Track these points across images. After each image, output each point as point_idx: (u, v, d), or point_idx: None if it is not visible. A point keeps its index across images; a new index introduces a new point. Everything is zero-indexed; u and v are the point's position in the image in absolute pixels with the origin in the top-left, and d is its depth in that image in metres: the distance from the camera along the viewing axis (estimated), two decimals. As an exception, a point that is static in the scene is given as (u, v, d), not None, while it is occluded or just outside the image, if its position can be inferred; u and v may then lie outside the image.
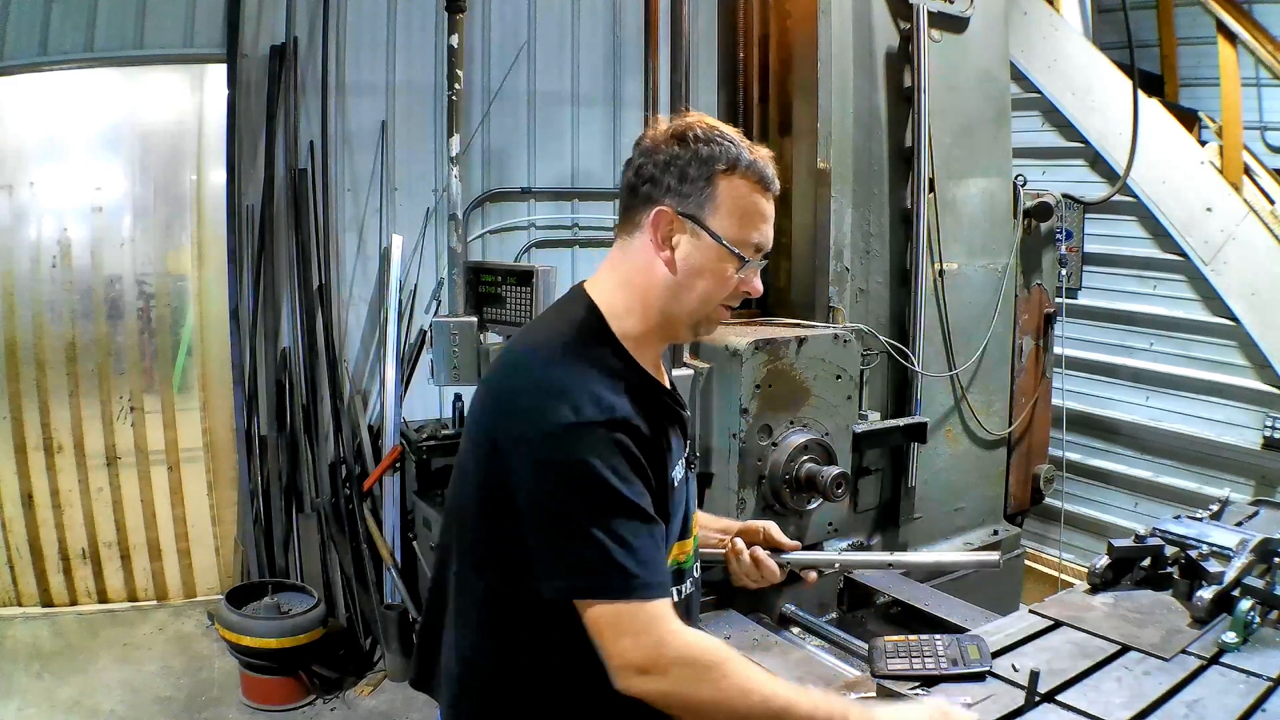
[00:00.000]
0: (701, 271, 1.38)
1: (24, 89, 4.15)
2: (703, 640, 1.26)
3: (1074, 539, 4.43)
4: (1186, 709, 1.53)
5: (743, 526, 1.76)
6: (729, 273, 1.38)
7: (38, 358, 4.31)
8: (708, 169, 1.36)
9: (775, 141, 2.99)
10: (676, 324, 1.43)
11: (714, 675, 1.22)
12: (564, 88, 5.15)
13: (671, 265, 1.38)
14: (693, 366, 2.43)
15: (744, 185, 1.37)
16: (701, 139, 1.37)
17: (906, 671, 1.66)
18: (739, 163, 1.37)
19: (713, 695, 1.21)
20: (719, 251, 1.37)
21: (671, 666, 1.21)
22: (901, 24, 2.92)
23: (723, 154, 1.36)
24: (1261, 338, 3.99)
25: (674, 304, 1.40)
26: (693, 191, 1.36)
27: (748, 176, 1.38)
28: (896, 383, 3.00)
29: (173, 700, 3.71)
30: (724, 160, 1.36)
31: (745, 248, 1.38)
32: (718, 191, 1.36)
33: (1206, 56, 4.70)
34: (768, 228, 1.42)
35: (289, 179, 4.41)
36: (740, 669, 1.24)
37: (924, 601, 2.52)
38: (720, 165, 1.36)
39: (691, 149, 1.37)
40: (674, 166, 1.37)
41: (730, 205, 1.37)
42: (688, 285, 1.39)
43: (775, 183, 1.42)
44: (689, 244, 1.37)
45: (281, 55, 4.38)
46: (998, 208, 3.19)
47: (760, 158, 1.40)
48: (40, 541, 4.35)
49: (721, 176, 1.36)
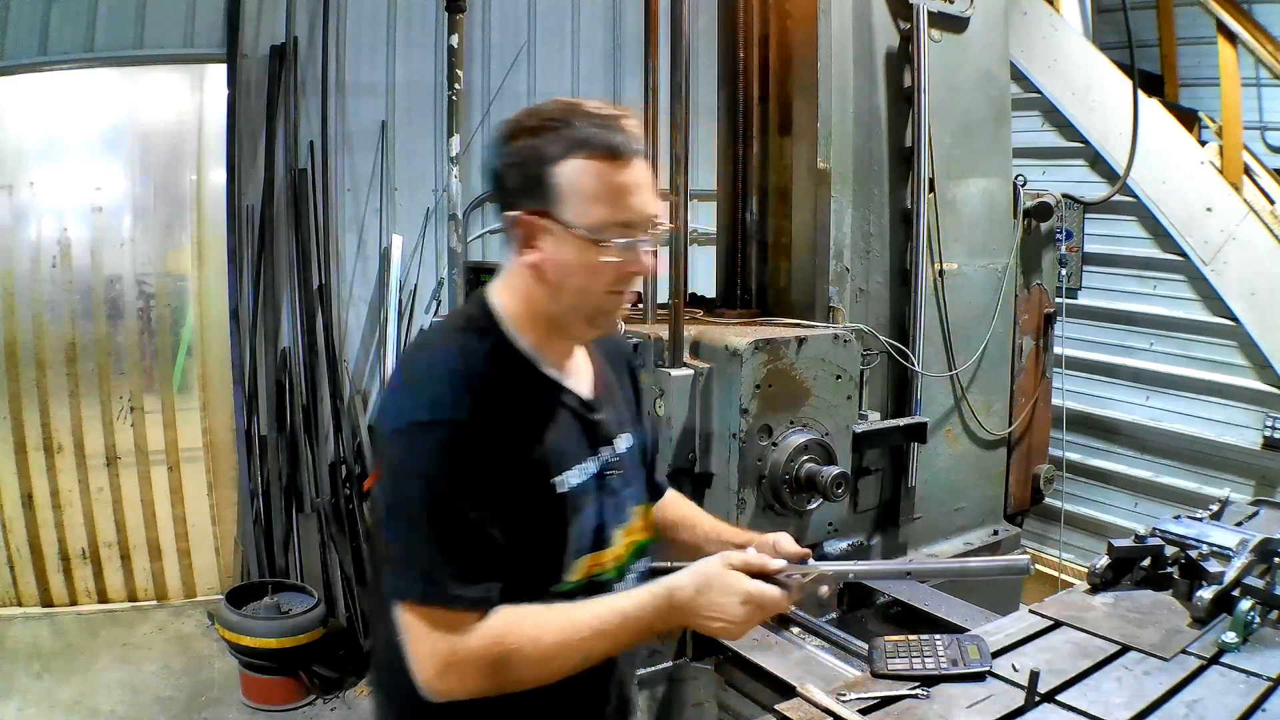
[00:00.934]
0: (571, 268, 1.30)
1: (24, 89, 4.16)
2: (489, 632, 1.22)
3: (1074, 539, 4.43)
4: (1186, 709, 1.53)
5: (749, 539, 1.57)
6: (600, 260, 1.29)
7: (38, 358, 4.31)
8: (543, 161, 1.27)
9: (775, 141, 2.99)
10: (567, 324, 1.37)
11: (510, 662, 1.22)
12: (564, 88, 5.15)
13: (541, 268, 1.31)
14: (693, 366, 2.43)
15: (586, 165, 1.27)
16: (531, 129, 1.29)
17: (906, 671, 1.66)
18: (573, 143, 1.26)
19: (518, 677, 1.23)
20: (581, 242, 1.28)
21: (464, 672, 1.22)
22: (901, 24, 2.92)
23: (554, 140, 1.27)
24: (1261, 338, 3.99)
25: (555, 305, 1.34)
26: (536, 188, 1.28)
27: (589, 153, 1.26)
28: (896, 383, 3.00)
29: (173, 700, 3.71)
30: (556, 146, 1.27)
31: (609, 229, 1.28)
32: (558, 180, 1.27)
33: (1206, 56, 4.70)
34: (636, 198, 1.30)
35: (289, 179, 4.42)
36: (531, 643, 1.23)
37: (924, 601, 2.52)
38: (553, 151, 1.27)
39: (525, 144, 1.29)
40: (514, 167, 1.30)
41: (576, 190, 1.27)
42: (561, 284, 1.32)
43: (630, 145, 1.29)
44: (551, 242, 1.30)
45: (281, 55, 4.38)
46: (998, 208, 3.19)
47: (603, 125, 1.28)
48: (40, 541, 4.36)
49: (558, 164, 1.27)
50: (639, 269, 1.34)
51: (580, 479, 1.37)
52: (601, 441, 1.45)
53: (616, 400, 1.54)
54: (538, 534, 1.32)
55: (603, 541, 1.42)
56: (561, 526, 1.34)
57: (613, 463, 1.46)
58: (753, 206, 3.04)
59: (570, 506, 1.35)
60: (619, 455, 1.48)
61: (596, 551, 1.41)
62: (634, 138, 1.30)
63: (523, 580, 1.28)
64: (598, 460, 1.42)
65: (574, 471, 1.36)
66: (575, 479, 1.36)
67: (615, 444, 1.48)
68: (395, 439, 1.25)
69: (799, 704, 1.62)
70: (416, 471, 1.23)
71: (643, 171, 1.31)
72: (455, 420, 1.22)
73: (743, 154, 3.06)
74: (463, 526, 1.22)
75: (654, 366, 2.46)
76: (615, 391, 1.55)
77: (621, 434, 1.51)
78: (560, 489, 1.34)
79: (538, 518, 1.31)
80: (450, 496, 1.22)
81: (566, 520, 1.35)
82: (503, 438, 1.26)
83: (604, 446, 1.45)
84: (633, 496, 1.51)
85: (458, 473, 1.22)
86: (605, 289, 1.32)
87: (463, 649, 1.21)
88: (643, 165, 1.31)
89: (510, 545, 1.26)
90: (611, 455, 1.46)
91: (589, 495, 1.39)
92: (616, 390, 1.56)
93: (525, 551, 1.30)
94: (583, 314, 1.35)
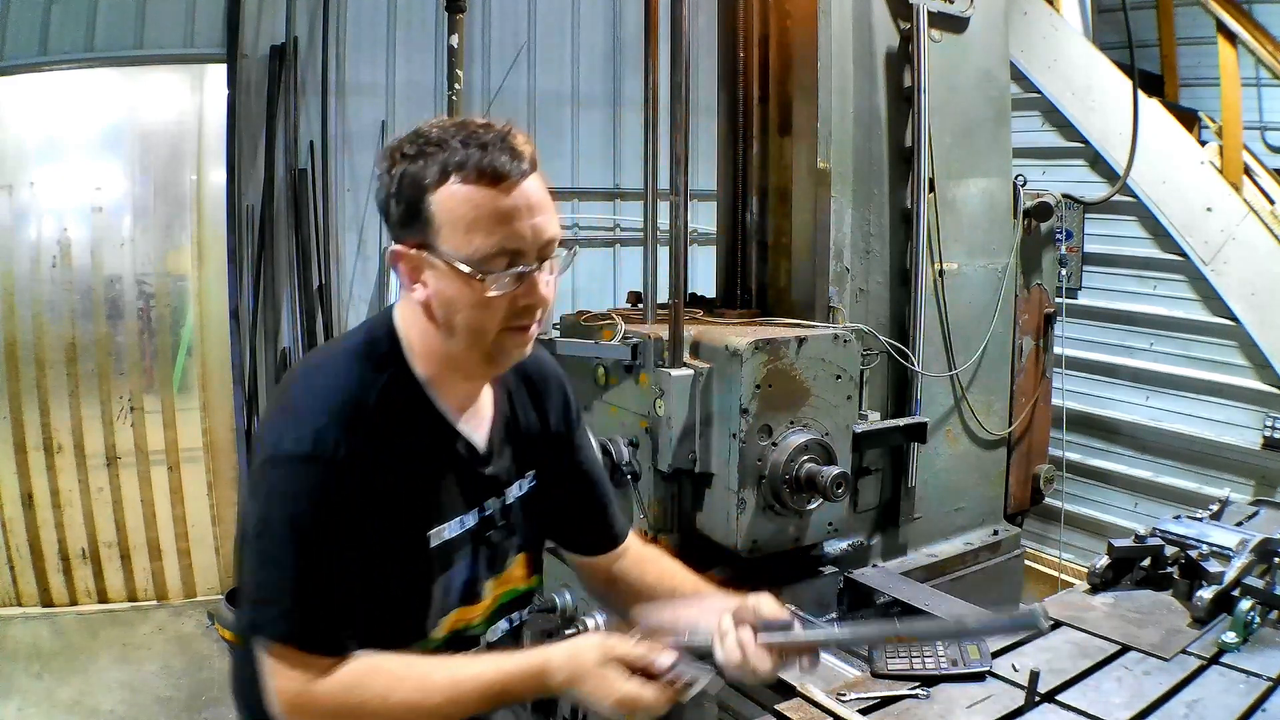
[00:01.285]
0: (457, 304, 1.18)
1: (24, 89, 4.16)
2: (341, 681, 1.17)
3: (1074, 539, 4.42)
4: (1186, 709, 1.54)
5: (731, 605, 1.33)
6: (487, 293, 1.17)
7: (38, 358, 4.31)
8: (419, 188, 1.16)
9: (775, 141, 2.99)
10: (464, 362, 1.26)
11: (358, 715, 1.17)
12: (564, 88, 5.15)
13: (428, 305, 1.21)
14: (693, 366, 2.43)
15: (464, 190, 1.15)
16: (409, 155, 1.18)
17: (906, 671, 1.66)
18: (449, 167, 1.15)
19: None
20: (463, 276, 1.16)
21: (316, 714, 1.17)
22: (901, 24, 2.92)
23: (430, 165, 1.16)
24: (1261, 338, 3.99)
25: (449, 343, 1.23)
26: (414, 219, 1.17)
27: (465, 177, 1.15)
28: (896, 383, 2.99)
29: (173, 700, 3.71)
30: (432, 172, 1.16)
31: (493, 260, 1.16)
32: (435, 209, 1.16)
33: (1206, 56, 4.70)
34: (522, 223, 1.17)
35: (289, 179, 4.42)
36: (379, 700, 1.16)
37: (924, 601, 2.53)
38: (429, 179, 1.16)
39: (402, 170, 1.18)
40: (393, 197, 1.19)
41: (453, 218, 1.16)
42: (450, 323, 1.20)
43: (515, 166, 1.16)
44: (434, 277, 1.19)
45: (281, 55, 4.38)
46: (998, 208, 3.19)
47: (484, 146, 1.16)
48: (40, 541, 4.36)
49: (434, 190, 1.16)
50: (532, 301, 1.21)
51: (456, 532, 1.30)
52: (487, 494, 1.36)
53: (521, 442, 1.43)
54: (404, 586, 1.25)
55: (473, 596, 1.35)
56: (428, 580, 1.27)
57: (495, 515, 1.37)
58: (753, 206, 3.04)
59: (440, 561, 1.28)
60: (507, 505, 1.40)
61: (465, 606, 1.34)
62: (522, 157, 1.18)
63: (386, 630, 1.23)
64: (479, 513, 1.35)
65: (451, 524, 1.29)
66: (450, 532, 1.29)
67: (507, 493, 1.40)
68: (268, 468, 1.18)
69: (799, 704, 1.62)
70: (285, 507, 1.17)
71: (533, 193, 1.19)
72: (331, 460, 1.15)
73: (743, 154, 3.05)
74: (324, 570, 1.17)
75: (654, 366, 2.46)
76: (522, 431, 1.44)
77: (516, 480, 1.42)
78: (433, 542, 1.27)
79: (406, 569, 1.25)
80: (315, 539, 1.16)
81: (434, 574, 1.28)
82: (380, 484, 1.19)
83: (491, 499, 1.37)
84: (514, 546, 1.43)
85: (326, 515, 1.16)
86: (499, 325, 1.20)
87: (315, 691, 1.16)
88: (534, 187, 1.19)
89: (375, 594, 1.21)
90: (497, 507, 1.38)
91: (463, 549, 1.32)
92: (525, 429, 1.45)
93: (390, 602, 1.24)
94: (479, 352, 1.24)
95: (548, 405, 1.50)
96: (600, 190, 5.28)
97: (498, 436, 1.39)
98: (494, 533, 1.37)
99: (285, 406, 1.25)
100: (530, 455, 1.45)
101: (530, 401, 1.47)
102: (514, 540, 1.42)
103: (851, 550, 2.81)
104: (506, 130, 1.20)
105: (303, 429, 1.18)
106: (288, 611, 1.17)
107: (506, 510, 1.40)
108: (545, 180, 1.23)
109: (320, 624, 1.17)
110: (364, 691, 1.16)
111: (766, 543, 2.40)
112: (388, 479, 1.20)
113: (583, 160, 5.24)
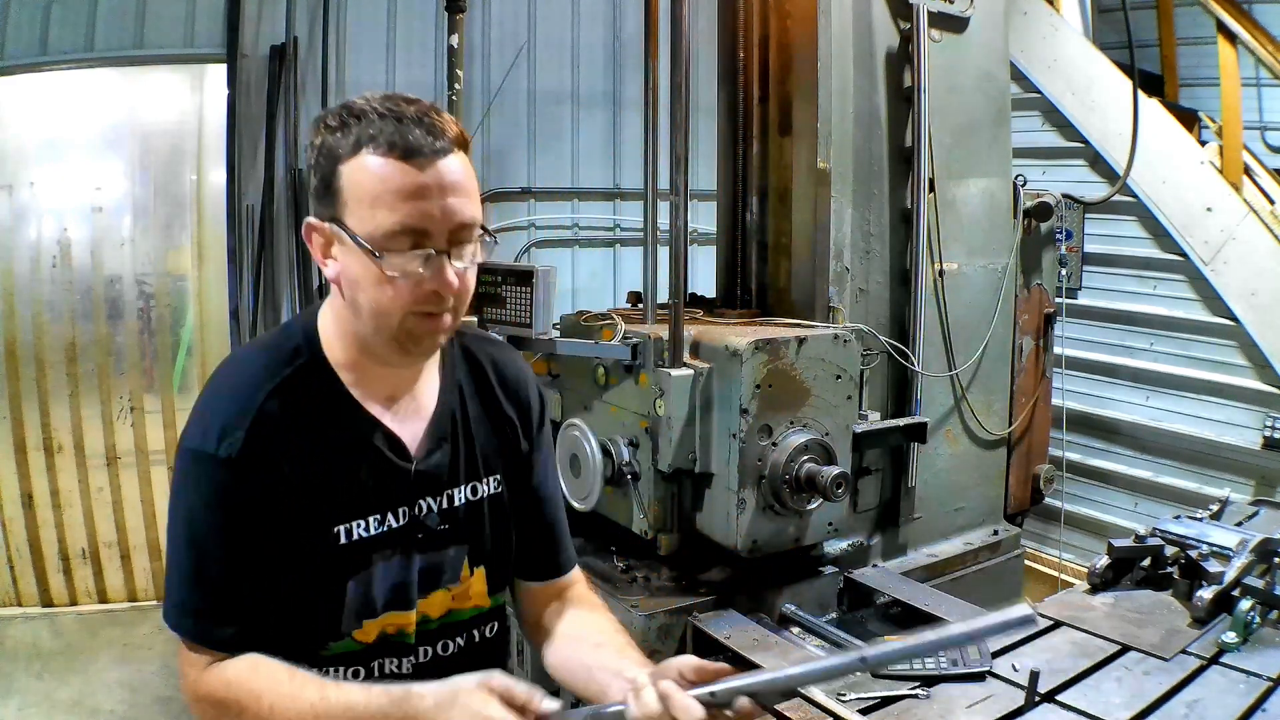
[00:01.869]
0: (360, 282, 1.13)
1: (24, 89, 4.16)
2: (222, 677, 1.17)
3: (1074, 539, 4.42)
4: (1186, 709, 1.54)
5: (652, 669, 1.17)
6: (387, 274, 1.11)
7: (38, 358, 4.31)
8: (334, 159, 1.12)
9: (775, 141, 2.99)
10: (376, 346, 1.20)
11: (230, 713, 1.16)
12: (564, 88, 5.15)
13: (338, 283, 1.17)
14: (693, 366, 2.43)
15: (373, 162, 1.09)
16: (330, 127, 1.13)
17: (906, 671, 1.66)
18: (362, 139, 1.10)
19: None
20: (366, 252, 1.10)
21: (200, 706, 1.19)
22: (901, 24, 2.92)
23: (347, 136, 1.11)
24: (1261, 338, 3.99)
25: (357, 325, 1.18)
26: (325, 190, 1.13)
27: (376, 149, 1.09)
28: (896, 383, 2.99)
29: (173, 700, 3.71)
30: (347, 144, 1.11)
31: (395, 238, 1.10)
32: (343, 182, 1.11)
33: (1206, 56, 4.70)
34: (430, 202, 1.10)
35: (289, 179, 4.42)
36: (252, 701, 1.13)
37: (924, 601, 2.53)
38: (343, 150, 1.11)
39: (322, 140, 1.14)
40: (312, 168, 1.15)
41: (359, 193, 1.10)
42: (356, 302, 1.15)
43: (425, 143, 1.10)
44: (341, 253, 1.15)
45: (281, 55, 4.38)
46: (998, 208, 3.19)
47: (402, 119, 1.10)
48: (40, 541, 4.36)
49: (345, 162, 1.11)
50: (440, 286, 1.12)
51: (374, 531, 1.23)
52: (418, 493, 1.28)
53: (473, 442, 1.34)
54: (311, 582, 1.20)
55: (404, 602, 1.27)
56: (339, 578, 1.21)
57: (430, 518, 1.29)
58: (753, 206, 3.04)
59: (353, 559, 1.22)
60: (450, 509, 1.31)
61: (396, 612, 1.26)
62: (440, 135, 1.12)
63: (297, 626, 1.20)
64: (408, 512, 1.27)
65: (366, 522, 1.23)
66: (365, 530, 1.23)
67: (449, 495, 1.31)
68: (177, 461, 1.20)
69: (799, 704, 1.62)
70: (183, 501, 1.19)
71: (449, 173, 1.12)
72: (226, 458, 1.14)
73: (743, 154, 3.06)
74: (217, 565, 1.16)
75: (654, 366, 2.46)
76: (474, 431, 1.35)
77: (466, 484, 1.33)
78: (341, 539, 1.21)
79: (312, 566, 1.20)
80: (207, 534, 1.16)
81: (346, 573, 1.22)
82: (282, 478, 1.16)
83: (425, 497, 1.28)
84: (463, 556, 1.33)
85: (219, 512, 1.16)
86: (404, 309, 1.13)
87: (200, 684, 1.18)
88: (451, 166, 1.12)
89: (279, 592, 1.18)
90: (433, 508, 1.29)
91: (385, 550, 1.25)
92: (481, 429, 1.36)
93: (298, 598, 1.20)
94: (386, 336, 1.17)
95: (509, 409, 1.41)
96: (600, 190, 5.27)
97: (437, 433, 1.30)
98: (429, 536, 1.29)
99: (197, 404, 1.23)
100: (489, 459, 1.37)
101: (491, 402, 1.39)
102: (460, 550, 1.33)
103: (851, 550, 2.81)
104: (429, 108, 1.15)
105: (204, 424, 1.18)
106: (180, 604, 1.20)
107: (448, 514, 1.31)
108: (470, 164, 1.17)
109: (207, 620, 1.18)
110: (239, 689, 1.16)
111: (766, 543, 2.40)
112: (292, 472, 1.17)
113: (583, 160, 5.24)
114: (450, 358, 1.36)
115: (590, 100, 5.23)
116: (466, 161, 1.16)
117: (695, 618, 2.37)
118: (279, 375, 1.20)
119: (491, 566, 1.38)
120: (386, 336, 1.17)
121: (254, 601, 1.18)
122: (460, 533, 1.32)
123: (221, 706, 1.17)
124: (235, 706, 1.15)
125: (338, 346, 1.23)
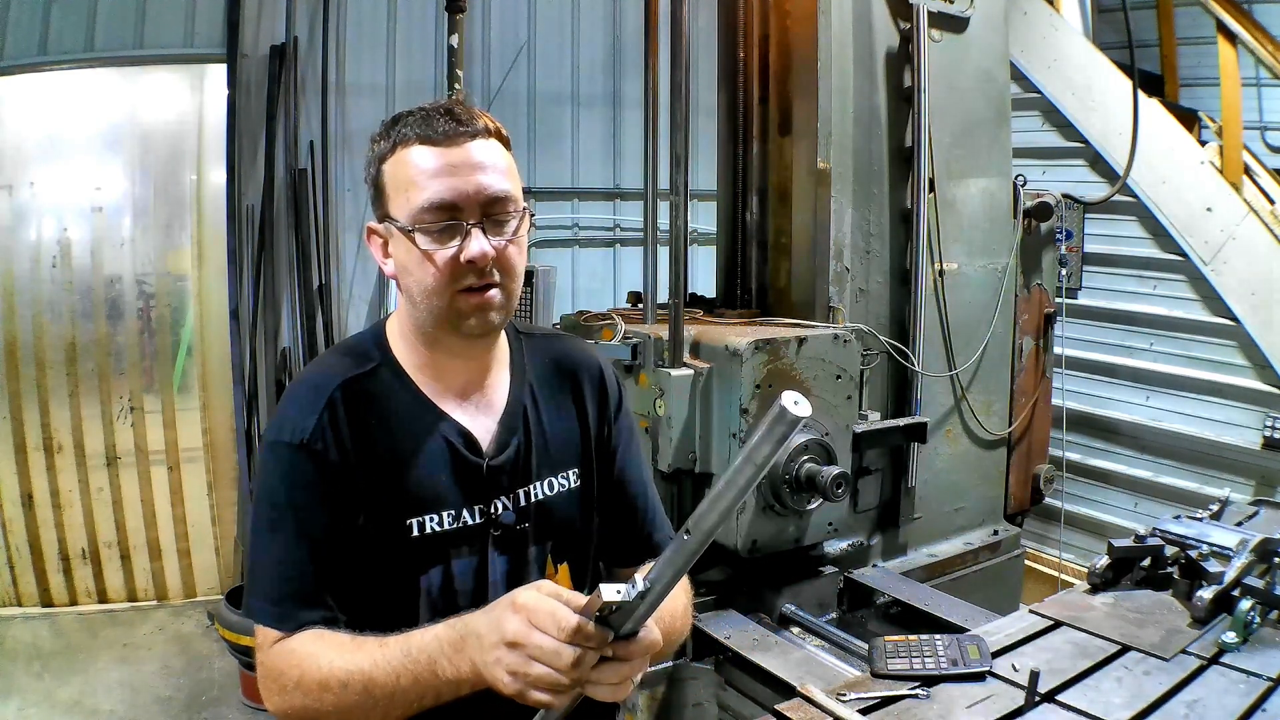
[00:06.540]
0: (407, 266, 1.21)
1: (24, 89, 4.16)
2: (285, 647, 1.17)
3: (1074, 539, 4.43)
4: (1186, 709, 1.53)
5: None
6: (421, 248, 1.18)
7: (38, 358, 4.31)
8: (379, 163, 1.23)
9: (775, 141, 2.99)
10: (434, 335, 1.25)
11: (293, 680, 1.15)
12: (564, 88, 5.15)
13: (396, 278, 1.26)
14: (693, 366, 2.43)
15: (405, 153, 1.19)
16: (375, 139, 1.24)
17: (906, 671, 1.66)
18: (397, 139, 1.20)
19: (303, 702, 1.14)
20: (406, 237, 1.19)
21: (264, 683, 1.19)
22: (901, 24, 2.92)
23: (387, 140, 1.22)
24: (1261, 338, 3.99)
25: (415, 314, 1.24)
26: (377, 194, 1.24)
27: (407, 142, 1.19)
28: (896, 383, 2.99)
29: (173, 700, 3.71)
30: (387, 144, 1.21)
31: (426, 214, 1.17)
32: (385, 179, 1.22)
33: (1206, 56, 4.70)
34: (459, 178, 1.17)
35: (289, 179, 4.42)
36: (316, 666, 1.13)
37: (924, 601, 2.53)
38: (384, 151, 1.22)
39: (370, 151, 1.25)
40: (367, 181, 1.26)
41: (396, 183, 1.20)
42: (409, 290, 1.22)
43: (450, 128, 1.19)
44: (394, 246, 1.23)
45: (281, 55, 4.38)
46: (998, 208, 3.19)
47: (427, 115, 1.20)
48: (40, 541, 4.36)
49: (385, 162, 1.22)
50: (468, 254, 1.17)
51: (449, 526, 1.25)
52: (492, 487, 1.28)
53: (546, 438, 1.35)
54: (387, 575, 1.23)
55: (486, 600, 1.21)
56: (413, 571, 1.23)
57: (507, 515, 1.29)
58: (753, 206, 3.04)
59: (428, 553, 1.24)
60: (527, 506, 1.31)
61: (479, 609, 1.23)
62: (465, 122, 1.20)
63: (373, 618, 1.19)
64: (484, 510, 1.28)
65: (439, 516, 1.24)
66: (439, 525, 1.24)
67: (526, 492, 1.31)
68: (260, 455, 1.27)
69: (799, 704, 1.62)
70: (262, 490, 1.23)
71: (479, 152, 1.19)
72: (299, 444, 1.18)
73: (743, 154, 3.06)
74: (292, 550, 1.19)
75: (654, 366, 2.46)
76: (547, 426, 1.36)
77: (542, 480, 1.33)
78: (414, 532, 1.23)
79: (387, 559, 1.22)
80: (281, 519, 1.19)
81: (421, 567, 1.24)
82: (351, 466, 1.20)
83: (500, 495, 1.29)
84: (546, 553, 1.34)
85: (294, 496, 1.19)
86: (446, 286, 1.18)
87: (267, 662, 1.19)
88: (481, 147, 1.20)
89: (358, 580, 1.21)
90: (508, 505, 1.30)
91: (463, 546, 1.26)
92: (553, 424, 1.37)
93: (375, 590, 1.22)
94: (438, 318, 1.21)
95: (580, 398, 1.41)
96: (600, 190, 5.28)
97: (509, 428, 1.31)
98: (506, 534, 1.29)
99: (281, 401, 1.29)
100: (565, 453, 1.37)
101: (563, 395, 1.39)
102: (541, 548, 1.33)
103: (851, 550, 2.81)
104: (459, 103, 1.24)
105: (277, 419, 1.24)
106: (263, 590, 1.21)
107: (524, 511, 1.31)
108: (508, 153, 1.25)
109: (286, 605, 1.19)
110: (300, 655, 1.15)
111: (766, 543, 2.40)
112: (362, 461, 1.21)
113: (583, 160, 5.24)
114: (519, 355, 1.38)
115: (590, 100, 5.23)
116: (501, 148, 1.24)
117: (695, 618, 2.36)
118: (350, 373, 1.25)
119: (576, 561, 1.39)
120: (440, 318, 1.21)
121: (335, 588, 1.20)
122: (539, 530, 1.33)
123: (278, 673, 1.18)
124: (294, 672, 1.16)
125: (405, 347, 1.29)
